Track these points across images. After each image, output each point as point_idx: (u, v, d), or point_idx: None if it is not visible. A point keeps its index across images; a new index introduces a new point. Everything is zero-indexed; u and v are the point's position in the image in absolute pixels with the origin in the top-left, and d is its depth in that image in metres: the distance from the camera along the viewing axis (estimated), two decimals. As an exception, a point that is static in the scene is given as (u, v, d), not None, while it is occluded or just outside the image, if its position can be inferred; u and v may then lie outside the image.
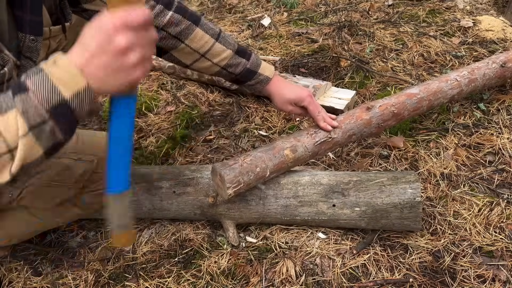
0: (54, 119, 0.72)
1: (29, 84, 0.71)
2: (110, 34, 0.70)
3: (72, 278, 1.34)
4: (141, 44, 0.73)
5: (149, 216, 1.46)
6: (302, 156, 1.32)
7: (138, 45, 0.73)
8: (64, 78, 0.71)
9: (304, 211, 1.32)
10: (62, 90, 0.71)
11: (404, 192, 1.25)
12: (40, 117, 0.71)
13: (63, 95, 0.71)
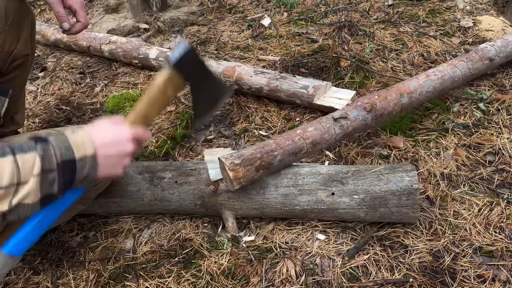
0: (60, 171, 0.87)
1: (50, 139, 0.89)
2: (125, 139, 0.99)
3: (72, 278, 1.34)
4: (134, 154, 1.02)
5: (149, 208, 1.46)
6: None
7: (134, 154, 1.02)
8: (78, 141, 0.91)
9: (303, 199, 1.33)
10: (75, 151, 0.90)
11: (402, 180, 1.27)
12: (51, 165, 0.86)
13: (74, 155, 0.89)
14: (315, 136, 1.40)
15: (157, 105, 1.10)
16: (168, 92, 1.09)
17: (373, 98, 1.54)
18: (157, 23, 2.99)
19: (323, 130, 1.42)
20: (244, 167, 1.26)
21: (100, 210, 1.50)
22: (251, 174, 1.28)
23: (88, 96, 2.31)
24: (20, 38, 1.35)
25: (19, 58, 1.37)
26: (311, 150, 1.40)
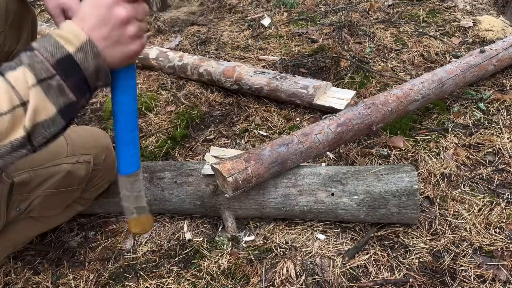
0: (61, 74, 0.74)
1: (35, 45, 0.74)
2: (110, 6, 0.76)
3: (72, 278, 1.34)
4: (138, 16, 0.80)
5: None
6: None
7: (136, 17, 0.79)
8: (66, 36, 0.76)
9: (303, 200, 1.33)
10: (65, 45, 0.75)
11: (401, 180, 1.27)
12: (47, 71, 0.73)
13: (66, 49, 0.74)
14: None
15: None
16: None
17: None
18: (157, 23, 2.99)
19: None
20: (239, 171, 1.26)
21: (100, 210, 1.51)
22: (246, 177, 1.27)
23: (88, 96, 2.31)
24: (21, 39, 1.35)
25: None
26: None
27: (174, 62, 2.26)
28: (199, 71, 2.18)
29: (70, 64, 0.76)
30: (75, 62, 0.76)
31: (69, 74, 0.76)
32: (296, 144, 1.34)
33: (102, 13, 0.77)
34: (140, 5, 0.81)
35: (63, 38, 0.75)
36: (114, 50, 0.80)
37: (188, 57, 2.27)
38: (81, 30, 0.76)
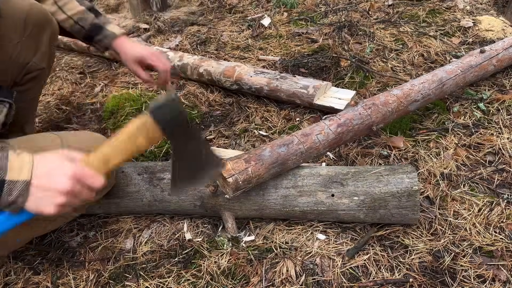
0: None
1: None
2: (62, 174, 0.88)
3: (72, 278, 1.34)
4: (77, 197, 0.91)
5: (149, 209, 1.46)
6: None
7: (75, 197, 0.90)
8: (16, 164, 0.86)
9: (303, 201, 1.33)
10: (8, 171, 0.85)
11: (402, 181, 1.27)
12: None
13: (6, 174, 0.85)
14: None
15: (123, 152, 0.97)
16: (139, 140, 0.97)
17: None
18: (157, 23, 2.99)
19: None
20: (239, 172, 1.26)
21: (100, 210, 1.51)
22: (246, 177, 1.27)
23: (88, 96, 2.31)
24: (37, 51, 1.36)
25: (34, 71, 1.38)
26: None
27: (174, 62, 2.26)
28: (199, 71, 2.18)
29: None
30: (1, 188, 0.85)
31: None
32: (297, 145, 1.34)
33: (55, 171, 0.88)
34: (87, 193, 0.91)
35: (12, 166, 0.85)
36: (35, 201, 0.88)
37: (188, 57, 2.27)
38: (30, 171, 0.86)
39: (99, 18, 1.42)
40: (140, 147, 0.99)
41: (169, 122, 0.98)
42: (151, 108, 0.96)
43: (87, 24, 1.41)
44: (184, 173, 1.04)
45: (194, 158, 1.03)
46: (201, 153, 1.04)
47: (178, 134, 1.00)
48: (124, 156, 0.97)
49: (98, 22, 1.41)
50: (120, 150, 0.97)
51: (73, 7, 1.40)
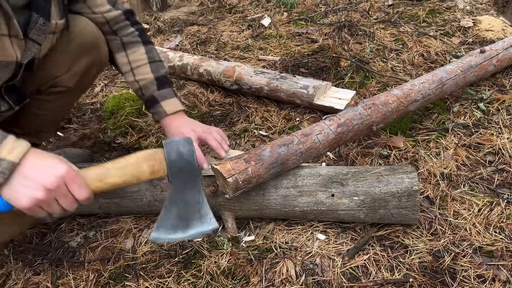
0: None
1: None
2: (56, 172, 0.88)
3: (72, 278, 1.34)
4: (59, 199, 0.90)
5: (149, 209, 1.46)
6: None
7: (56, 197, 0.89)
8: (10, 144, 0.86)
9: (303, 201, 1.33)
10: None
11: (402, 182, 1.27)
12: None
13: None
14: None
15: (122, 173, 0.96)
16: (143, 167, 0.96)
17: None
18: (157, 23, 3.00)
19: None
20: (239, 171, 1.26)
21: (100, 211, 1.50)
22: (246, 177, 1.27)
23: (88, 96, 2.31)
24: (70, 70, 1.38)
25: (59, 86, 1.40)
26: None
27: (174, 62, 2.26)
28: (199, 71, 2.18)
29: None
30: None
31: None
32: (297, 145, 1.34)
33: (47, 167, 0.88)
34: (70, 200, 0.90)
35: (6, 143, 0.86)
36: (13, 188, 0.87)
37: (188, 57, 2.27)
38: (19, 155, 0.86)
39: (161, 91, 1.41)
40: (141, 175, 0.98)
41: (178, 163, 0.97)
42: (166, 143, 0.97)
43: (148, 94, 1.42)
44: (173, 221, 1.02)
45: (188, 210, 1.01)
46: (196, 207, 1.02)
47: (181, 179, 0.99)
48: (122, 178, 0.96)
49: (156, 96, 1.41)
50: (121, 171, 0.96)
51: (144, 72, 1.41)
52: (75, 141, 1.95)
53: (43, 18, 1.11)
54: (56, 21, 1.18)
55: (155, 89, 1.41)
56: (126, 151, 1.85)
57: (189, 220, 1.03)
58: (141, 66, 1.41)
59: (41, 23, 1.11)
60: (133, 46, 1.42)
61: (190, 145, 0.99)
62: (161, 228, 1.02)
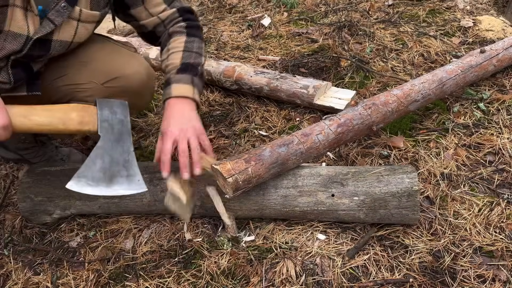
0: None
1: None
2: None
3: (72, 278, 1.34)
4: None
5: (148, 209, 1.46)
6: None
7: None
8: None
9: (303, 201, 1.33)
10: None
11: (402, 182, 1.27)
12: None
13: None
14: None
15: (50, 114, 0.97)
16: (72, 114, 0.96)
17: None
18: (157, 23, 2.99)
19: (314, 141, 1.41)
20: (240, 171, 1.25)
21: (99, 211, 1.50)
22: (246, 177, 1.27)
23: (88, 96, 2.31)
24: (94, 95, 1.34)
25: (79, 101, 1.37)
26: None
27: (174, 62, 2.26)
28: (199, 71, 2.17)
29: None
30: None
31: None
32: (297, 145, 1.34)
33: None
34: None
35: None
36: None
37: (188, 57, 2.26)
38: None
39: (179, 75, 1.30)
40: (69, 122, 0.97)
41: (110, 120, 0.98)
42: (100, 100, 0.98)
43: (166, 77, 1.36)
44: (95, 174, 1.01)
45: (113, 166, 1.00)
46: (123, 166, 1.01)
47: (110, 135, 0.99)
48: (48, 119, 0.95)
49: (171, 78, 1.32)
50: (47, 112, 0.96)
51: (175, 58, 1.34)
52: (75, 141, 1.95)
53: (66, 2, 1.12)
54: (81, 9, 1.18)
55: (174, 72, 1.34)
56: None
57: (114, 177, 1.02)
58: (175, 52, 1.35)
59: (61, 6, 1.12)
60: (176, 35, 1.37)
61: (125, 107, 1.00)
62: (82, 179, 1.00)
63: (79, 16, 1.19)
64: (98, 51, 1.37)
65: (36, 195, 1.46)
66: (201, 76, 1.35)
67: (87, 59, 1.34)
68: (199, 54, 1.37)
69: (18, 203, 1.48)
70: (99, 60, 1.35)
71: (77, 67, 1.34)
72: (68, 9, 1.14)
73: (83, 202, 1.47)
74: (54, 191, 1.46)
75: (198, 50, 1.37)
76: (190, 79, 1.30)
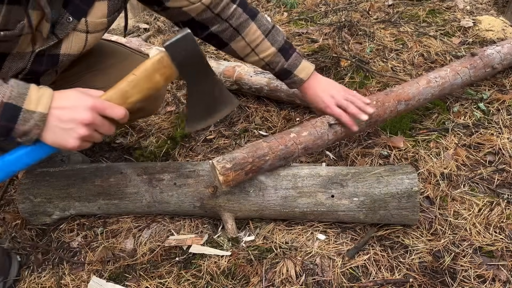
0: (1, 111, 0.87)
1: (12, 81, 0.90)
2: (83, 106, 0.93)
3: (72, 279, 1.34)
4: (98, 128, 0.97)
5: (148, 210, 1.46)
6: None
7: (95, 128, 0.96)
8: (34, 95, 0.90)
9: (303, 202, 1.33)
10: (26, 101, 0.89)
11: (402, 182, 1.27)
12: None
13: (23, 103, 0.89)
14: (308, 141, 1.38)
15: (140, 88, 1.00)
16: (156, 77, 0.99)
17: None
18: (157, 23, 2.99)
19: (317, 136, 1.39)
20: (235, 171, 1.25)
21: (99, 211, 1.50)
22: (240, 177, 1.27)
23: (88, 96, 2.31)
24: None
25: None
26: (302, 154, 1.41)
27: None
28: (199, 71, 2.17)
29: (11, 113, 0.88)
30: (17, 116, 0.89)
31: (3, 116, 0.88)
32: (294, 158, 1.38)
33: (75, 104, 0.93)
34: (107, 124, 0.97)
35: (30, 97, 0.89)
36: (56, 133, 0.93)
37: (188, 57, 2.26)
38: (48, 104, 0.91)
39: (290, 60, 1.38)
40: (157, 84, 1.01)
41: (185, 59, 0.98)
42: (167, 45, 0.96)
43: (277, 68, 1.39)
44: (199, 111, 1.09)
45: (209, 96, 1.07)
46: (215, 90, 1.08)
47: (195, 73, 1.02)
48: (141, 94, 1.01)
49: (287, 67, 1.38)
50: (138, 88, 0.99)
51: (266, 48, 1.36)
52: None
53: (71, 15, 1.08)
54: (87, 20, 1.12)
55: (283, 61, 1.37)
56: (126, 151, 1.85)
57: (214, 107, 1.10)
58: (260, 43, 1.34)
59: (66, 19, 1.07)
60: (245, 27, 1.33)
61: (191, 39, 0.98)
62: (193, 122, 1.12)
63: (87, 28, 1.14)
64: (111, 58, 1.36)
65: (35, 196, 1.46)
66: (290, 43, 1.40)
67: (101, 67, 1.34)
68: (273, 27, 1.37)
69: (17, 204, 1.48)
70: (113, 67, 1.34)
71: (92, 73, 1.34)
72: (72, 23, 1.09)
73: (82, 203, 1.47)
74: (53, 192, 1.46)
75: (269, 24, 1.37)
76: (298, 55, 1.39)
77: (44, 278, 1.36)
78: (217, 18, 1.31)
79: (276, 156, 1.32)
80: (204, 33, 1.36)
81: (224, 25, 1.32)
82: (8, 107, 0.87)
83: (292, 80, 1.41)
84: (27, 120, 0.89)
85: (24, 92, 0.89)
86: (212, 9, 1.29)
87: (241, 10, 1.31)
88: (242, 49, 1.37)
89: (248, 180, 1.33)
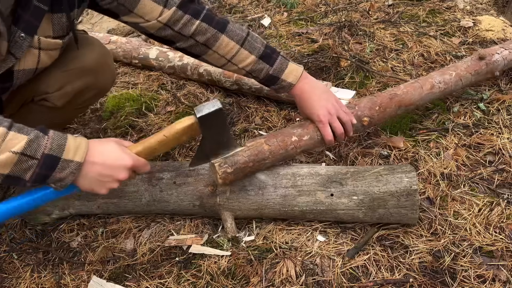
0: (40, 162, 0.93)
1: (51, 132, 0.96)
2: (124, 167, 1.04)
3: (72, 279, 1.34)
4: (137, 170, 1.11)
5: (147, 209, 1.46)
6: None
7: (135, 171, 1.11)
8: (72, 145, 0.97)
9: (302, 200, 1.33)
10: (65, 151, 0.95)
11: (400, 181, 1.27)
12: (35, 152, 0.92)
13: (62, 153, 0.95)
14: (308, 145, 1.37)
15: (168, 145, 1.16)
16: (183, 137, 1.15)
17: (373, 110, 1.48)
18: (157, 23, 2.99)
19: (317, 140, 1.38)
20: (235, 175, 1.28)
21: (99, 211, 1.50)
22: (238, 178, 1.31)
23: (88, 96, 2.30)
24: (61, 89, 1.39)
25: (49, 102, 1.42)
26: (299, 155, 1.41)
27: (174, 62, 2.26)
28: (199, 71, 2.18)
29: (51, 163, 0.94)
30: (56, 165, 0.95)
31: (43, 167, 0.94)
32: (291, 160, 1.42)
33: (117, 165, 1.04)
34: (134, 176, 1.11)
35: (69, 147, 0.96)
36: (92, 183, 1.03)
37: (188, 57, 2.26)
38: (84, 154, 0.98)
39: (275, 65, 1.31)
40: (180, 143, 1.21)
41: (211, 127, 1.15)
42: (200, 117, 1.10)
43: (261, 75, 1.33)
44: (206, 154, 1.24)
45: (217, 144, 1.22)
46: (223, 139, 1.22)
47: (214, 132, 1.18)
48: (167, 148, 1.19)
49: (273, 73, 1.31)
50: (165, 146, 1.16)
51: (244, 57, 1.29)
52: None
53: (24, 32, 1.06)
54: (39, 37, 1.12)
55: (267, 67, 1.30)
56: (126, 151, 1.85)
57: (218, 150, 1.25)
58: (236, 54, 1.28)
59: (19, 36, 1.06)
60: (214, 41, 1.27)
61: (222, 114, 1.12)
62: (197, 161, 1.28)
63: (39, 45, 1.14)
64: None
65: (36, 195, 1.46)
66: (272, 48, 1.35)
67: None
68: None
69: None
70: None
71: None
72: (27, 40, 1.08)
73: (82, 202, 1.47)
74: (54, 191, 1.46)
75: (243, 31, 1.30)
76: (283, 58, 1.34)
77: (44, 278, 1.36)
78: (179, 35, 1.27)
79: (276, 159, 1.34)
80: (171, 46, 1.34)
81: (189, 41, 1.27)
82: (48, 158, 0.94)
83: (280, 86, 1.34)
84: (64, 168, 0.96)
85: (63, 143, 0.96)
86: (172, 27, 1.25)
87: (206, 25, 1.25)
88: (217, 61, 1.33)
89: (247, 179, 1.34)
